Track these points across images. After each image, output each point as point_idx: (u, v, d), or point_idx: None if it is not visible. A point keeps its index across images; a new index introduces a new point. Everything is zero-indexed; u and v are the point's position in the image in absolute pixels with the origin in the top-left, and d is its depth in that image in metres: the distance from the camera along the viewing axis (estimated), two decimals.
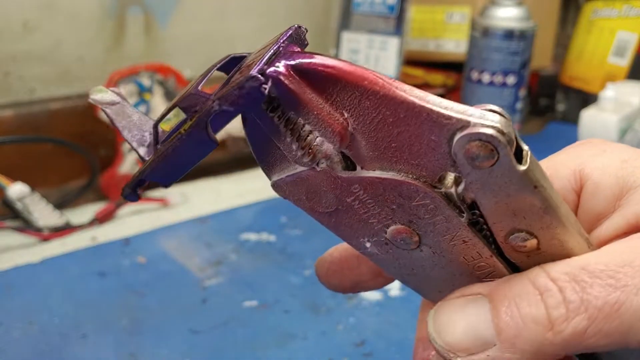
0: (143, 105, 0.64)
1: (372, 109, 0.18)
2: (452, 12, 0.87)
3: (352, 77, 0.18)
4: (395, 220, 0.20)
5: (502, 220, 0.18)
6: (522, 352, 0.16)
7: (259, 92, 0.18)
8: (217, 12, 0.78)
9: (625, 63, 0.87)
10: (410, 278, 0.23)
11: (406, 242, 0.20)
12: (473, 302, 0.18)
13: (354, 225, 0.21)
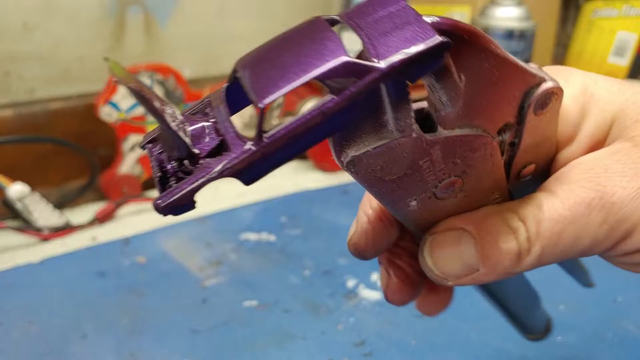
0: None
1: (489, 70, 0.20)
2: (452, 12, 0.87)
3: (484, 40, 0.20)
4: (451, 174, 0.21)
5: (527, 156, 0.23)
6: (498, 274, 0.22)
7: (441, 55, 0.18)
8: (217, 12, 0.78)
9: (625, 63, 0.87)
10: (420, 222, 0.24)
11: (451, 191, 0.22)
12: (462, 238, 0.22)
13: (411, 186, 0.21)
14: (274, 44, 0.20)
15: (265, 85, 0.18)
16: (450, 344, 0.42)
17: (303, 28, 0.20)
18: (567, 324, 0.44)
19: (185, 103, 0.67)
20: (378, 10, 0.20)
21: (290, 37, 0.19)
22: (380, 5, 0.20)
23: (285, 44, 0.19)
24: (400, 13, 0.19)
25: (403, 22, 0.19)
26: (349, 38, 0.90)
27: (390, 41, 0.18)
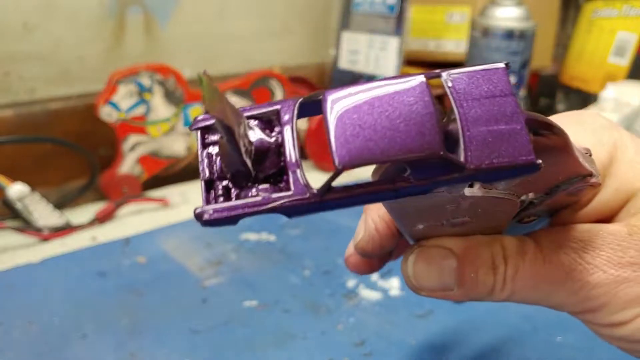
0: (143, 105, 0.64)
1: (553, 160, 0.20)
2: (452, 12, 0.87)
3: (566, 141, 0.20)
4: (467, 216, 0.22)
5: (539, 211, 0.24)
6: (469, 298, 0.23)
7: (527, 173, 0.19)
8: (217, 12, 0.78)
9: (625, 63, 0.87)
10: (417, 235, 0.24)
11: (459, 224, 0.23)
12: (447, 258, 0.23)
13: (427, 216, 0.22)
14: (372, 99, 0.18)
15: (352, 149, 0.18)
16: (450, 344, 0.42)
17: (407, 91, 0.18)
18: (567, 324, 0.44)
19: (185, 103, 0.67)
20: (483, 88, 0.19)
21: (392, 98, 0.18)
22: (487, 82, 0.19)
23: (383, 105, 0.18)
24: (503, 104, 0.19)
25: (503, 116, 0.18)
26: (349, 38, 0.90)
27: (485, 141, 0.18)
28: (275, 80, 0.74)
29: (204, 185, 0.20)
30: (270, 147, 0.19)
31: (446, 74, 0.19)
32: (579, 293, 0.23)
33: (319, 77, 0.88)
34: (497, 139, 0.18)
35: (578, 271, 0.22)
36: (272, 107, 0.20)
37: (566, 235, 0.23)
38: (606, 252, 0.22)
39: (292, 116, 0.20)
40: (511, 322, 0.45)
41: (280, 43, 0.85)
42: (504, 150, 0.18)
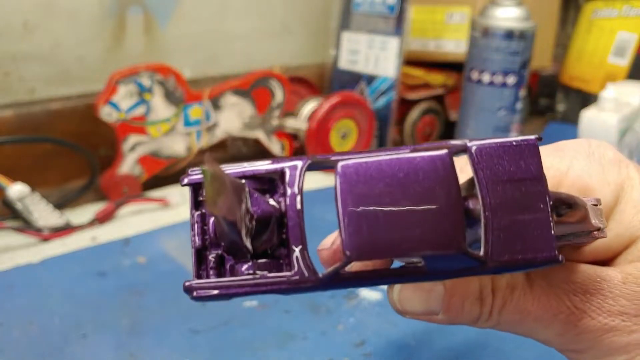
0: (143, 105, 0.64)
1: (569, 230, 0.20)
2: (452, 12, 0.87)
3: (587, 217, 0.20)
4: None
5: None
6: (453, 324, 0.23)
7: (546, 266, 0.18)
8: (217, 12, 0.78)
9: (625, 63, 0.87)
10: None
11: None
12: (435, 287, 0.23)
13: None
14: (389, 178, 0.16)
15: (364, 240, 0.16)
16: (450, 344, 0.42)
17: (428, 171, 0.16)
18: None
19: (185, 103, 0.67)
20: (511, 166, 0.17)
21: (410, 179, 0.16)
22: (516, 159, 0.17)
23: (401, 186, 0.16)
24: (531, 189, 0.17)
25: (529, 205, 0.17)
26: (349, 38, 0.90)
27: (508, 234, 0.17)
28: (275, 81, 0.74)
29: (195, 254, 0.18)
30: (272, 216, 0.18)
31: (474, 148, 0.17)
32: (564, 335, 0.23)
33: (319, 77, 0.88)
34: (520, 231, 0.17)
35: (566, 314, 0.22)
36: (277, 165, 0.18)
37: (559, 275, 0.22)
38: (597, 298, 0.22)
39: (298, 185, 0.18)
40: None
41: (280, 43, 0.85)
42: (527, 243, 0.17)
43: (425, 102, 0.85)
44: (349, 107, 0.76)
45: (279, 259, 0.18)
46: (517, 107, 0.80)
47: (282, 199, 0.18)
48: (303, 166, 0.18)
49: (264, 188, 0.19)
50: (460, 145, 0.17)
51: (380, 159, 0.17)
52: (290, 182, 0.18)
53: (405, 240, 0.16)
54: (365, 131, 0.79)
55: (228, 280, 0.17)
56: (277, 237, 0.18)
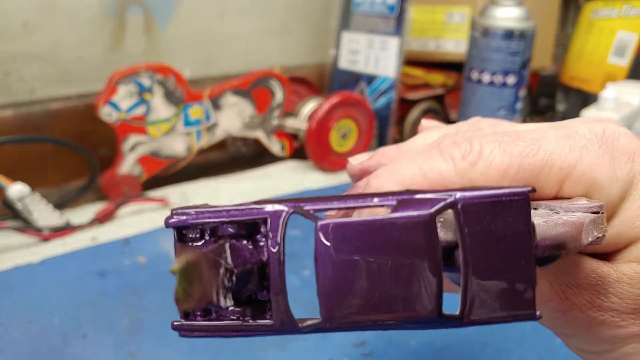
0: (143, 105, 0.64)
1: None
2: (452, 12, 0.87)
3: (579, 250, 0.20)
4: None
5: None
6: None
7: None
8: (217, 12, 0.78)
9: (625, 63, 0.87)
10: None
11: None
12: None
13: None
14: (368, 245, 0.17)
15: (341, 307, 0.17)
16: (450, 344, 0.42)
17: (409, 234, 0.16)
18: None
19: (185, 103, 0.67)
20: (498, 221, 0.17)
21: (390, 245, 0.16)
22: (504, 213, 0.17)
23: (379, 253, 0.16)
24: (516, 246, 0.17)
25: (513, 263, 0.17)
26: (349, 38, 0.89)
27: (487, 295, 0.17)
28: (275, 80, 0.74)
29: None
30: (254, 266, 0.18)
31: (460, 204, 0.17)
32: (555, 321, 0.23)
33: (319, 77, 0.88)
34: (501, 290, 0.17)
35: (556, 303, 0.22)
36: (260, 211, 0.19)
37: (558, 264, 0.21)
38: (589, 292, 0.22)
39: (280, 235, 0.18)
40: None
41: (280, 43, 0.85)
42: (506, 303, 0.17)
43: (426, 102, 0.85)
44: (349, 107, 0.76)
45: (263, 302, 0.19)
46: (517, 107, 0.81)
47: (265, 243, 0.19)
48: (285, 216, 0.19)
49: (245, 232, 0.19)
50: (448, 203, 0.17)
51: (360, 221, 0.17)
52: (272, 229, 0.18)
53: (382, 310, 0.17)
54: (365, 131, 0.79)
55: (214, 324, 0.18)
56: (260, 283, 0.19)
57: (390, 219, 0.17)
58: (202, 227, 0.19)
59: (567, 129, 0.22)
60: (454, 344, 0.42)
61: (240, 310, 0.18)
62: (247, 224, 0.19)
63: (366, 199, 0.18)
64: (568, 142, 0.21)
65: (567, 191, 0.21)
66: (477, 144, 0.21)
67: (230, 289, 0.17)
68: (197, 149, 0.70)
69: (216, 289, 0.17)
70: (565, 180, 0.21)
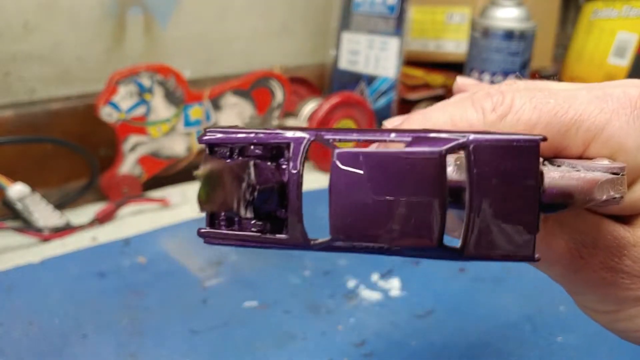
0: (143, 106, 0.64)
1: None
2: (452, 13, 0.87)
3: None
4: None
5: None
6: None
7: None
8: (217, 12, 0.78)
9: (625, 63, 0.87)
10: None
11: None
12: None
13: None
14: (379, 172, 0.18)
15: (349, 225, 0.18)
16: (450, 344, 0.42)
17: (420, 168, 0.17)
18: (568, 324, 0.44)
19: (185, 104, 0.67)
20: (507, 165, 0.18)
21: (401, 173, 0.17)
22: (514, 158, 0.18)
23: (390, 180, 0.18)
24: (523, 191, 0.18)
25: (518, 207, 0.18)
26: (349, 38, 0.90)
27: (489, 234, 0.18)
28: (275, 81, 0.74)
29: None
30: (275, 185, 0.19)
31: (472, 145, 0.18)
32: (564, 277, 0.23)
33: (319, 78, 0.88)
34: (502, 232, 0.18)
35: (569, 261, 0.22)
36: (284, 136, 0.20)
37: (572, 222, 0.22)
38: (603, 253, 0.22)
39: (300, 158, 0.20)
40: (511, 322, 0.45)
41: (281, 43, 0.85)
42: (506, 243, 0.18)
43: (426, 102, 0.85)
44: (349, 108, 0.76)
45: (281, 220, 0.20)
46: None
47: (286, 166, 0.20)
48: (307, 143, 0.19)
49: (270, 155, 0.20)
50: (460, 143, 0.18)
51: (376, 152, 0.18)
52: (294, 154, 0.19)
53: (388, 233, 0.18)
54: None
55: (236, 234, 0.20)
56: (280, 202, 0.20)
57: (403, 153, 0.18)
58: (231, 146, 0.20)
59: (601, 91, 0.21)
60: (454, 344, 0.42)
61: (261, 224, 0.20)
62: (272, 148, 0.20)
63: (384, 133, 0.19)
64: (599, 104, 0.21)
65: (593, 152, 0.21)
66: (509, 97, 0.21)
67: (252, 202, 0.18)
68: (198, 149, 0.70)
69: (237, 199, 0.18)
70: (592, 142, 0.21)
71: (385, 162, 0.18)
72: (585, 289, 0.23)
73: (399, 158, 0.18)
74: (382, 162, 0.18)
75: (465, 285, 0.50)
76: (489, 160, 0.18)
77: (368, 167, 0.18)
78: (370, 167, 0.18)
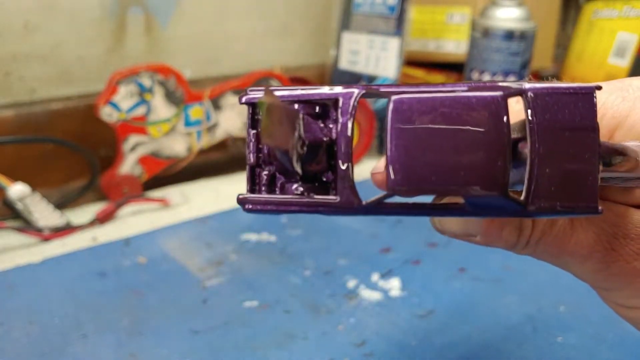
0: (144, 106, 0.64)
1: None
2: (452, 13, 0.87)
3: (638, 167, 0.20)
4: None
5: None
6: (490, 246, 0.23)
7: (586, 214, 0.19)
8: (217, 12, 0.78)
9: (625, 64, 0.87)
10: None
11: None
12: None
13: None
14: (440, 114, 0.17)
15: (409, 174, 0.17)
16: (450, 344, 0.42)
17: (480, 111, 0.17)
18: (568, 324, 0.44)
19: (186, 104, 0.67)
20: (566, 114, 0.17)
21: (461, 117, 0.17)
22: (572, 107, 0.17)
23: (451, 124, 0.17)
24: (583, 140, 0.17)
25: (578, 155, 0.17)
26: (350, 38, 0.90)
27: (552, 183, 0.17)
28: (275, 81, 0.74)
29: (249, 170, 0.19)
30: (323, 143, 0.18)
31: (530, 93, 0.17)
32: (597, 273, 0.23)
33: (320, 78, 0.88)
34: (565, 180, 0.17)
35: (602, 254, 0.22)
36: (332, 92, 0.19)
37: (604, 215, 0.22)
38: (636, 243, 0.22)
39: (350, 112, 0.18)
40: (511, 322, 0.45)
41: (281, 43, 0.85)
42: (570, 192, 0.17)
43: None
44: None
45: (327, 183, 0.19)
46: None
47: (334, 126, 0.18)
48: (357, 96, 0.18)
49: (317, 113, 0.19)
50: (517, 89, 0.17)
51: (434, 96, 0.17)
52: (343, 110, 0.18)
53: (451, 179, 0.17)
54: (365, 131, 0.79)
55: (278, 197, 0.19)
56: (326, 162, 0.19)
57: (464, 96, 0.17)
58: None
59: (621, 82, 0.22)
60: (454, 344, 0.42)
61: (305, 187, 0.19)
62: (318, 106, 0.19)
63: (437, 86, 0.18)
64: (621, 94, 0.21)
65: (618, 140, 0.21)
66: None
67: (301, 157, 0.17)
68: (198, 149, 0.70)
69: (292, 144, 0.17)
70: (617, 130, 0.21)
71: (447, 106, 0.17)
72: (617, 283, 0.23)
73: (460, 101, 0.17)
74: (441, 106, 0.17)
75: (465, 285, 0.50)
76: (548, 107, 0.17)
77: (428, 112, 0.17)
78: (429, 113, 0.17)
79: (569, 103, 0.17)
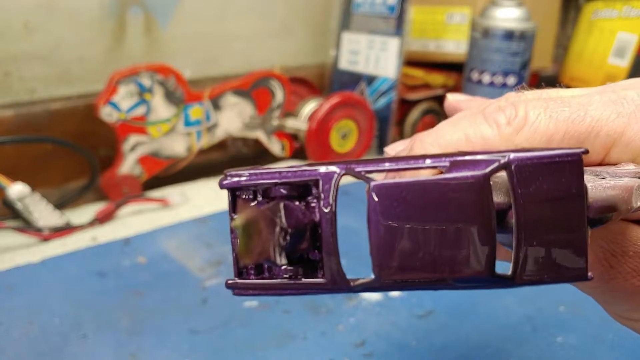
0: (143, 106, 0.64)
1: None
2: (452, 13, 0.87)
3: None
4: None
5: None
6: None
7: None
8: (217, 12, 0.78)
9: (625, 64, 0.87)
10: None
11: None
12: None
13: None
14: (422, 202, 0.17)
15: (393, 262, 0.17)
16: (450, 344, 0.42)
17: (463, 193, 0.17)
18: (567, 324, 0.44)
19: (185, 104, 0.67)
20: (551, 183, 0.17)
21: (444, 203, 0.17)
22: (557, 174, 0.17)
23: (435, 212, 0.16)
24: (570, 208, 0.17)
25: (566, 224, 0.17)
26: (350, 38, 0.90)
27: (540, 256, 0.17)
28: (275, 81, 0.74)
29: (235, 256, 0.19)
30: (307, 226, 0.18)
31: (514, 165, 0.17)
32: (596, 289, 0.22)
33: (319, 78, 0.88)
34: (553, 251, 0.17)
35: (600, 271, 0.21)
36: (312, 172, 0.18)
37: (602, 232, 0.21)
38: (634, 261, 0.21)
39: (332, 196, 0.18)
40: (511, 322, 0.45)
41: (281, 43, 0.85)
42: (558, 263, 0.17)
43: (426, 102, 0.85)
44: (349, 108, 0.76)
45: (314, 262, 0.19)
46: None
47: (316, 204, 0.18)
48: (338, 178, 0.18)
49: (297, 193, 0.19)
50: (502, 164, 0.17)
51: (415, 181, 0.17)
52: (324, 191, 0.18)
53: (436, 266, 0.17)
54: (365, 131, 0.79)
55: (267, 282, 0.19)
56: (312, 243, 0.19)
57: (444, 180, 0.17)
58: (255, 188, 0.19)
59: (614, 94, 0.21)
60: (454, 344, 0.42)
61: (293, 269, 0.18)
62: (298, 186, 0.19)
63: (418, 160, 0.18)
64: (615, 108, 0.20)
65: (614, 158, 0.20)
66: (523, 109, 0.20)
67: (284, 247, 0.17)
68: (198, 149, 0.70)
69: (273, 246, 0.17)
70: (612, 147, 0.20)
71: (427, 192, 0.17)
72: (617, 298, 0.22)
73: (441, 185, 0.17)
74: (422, 192, 0.17)
75: None
76: (533, 178, 0.17)
77: (408, 199, 0.17)
78: (410, 199, 0.17)
79: (555, 171, 0.17)
